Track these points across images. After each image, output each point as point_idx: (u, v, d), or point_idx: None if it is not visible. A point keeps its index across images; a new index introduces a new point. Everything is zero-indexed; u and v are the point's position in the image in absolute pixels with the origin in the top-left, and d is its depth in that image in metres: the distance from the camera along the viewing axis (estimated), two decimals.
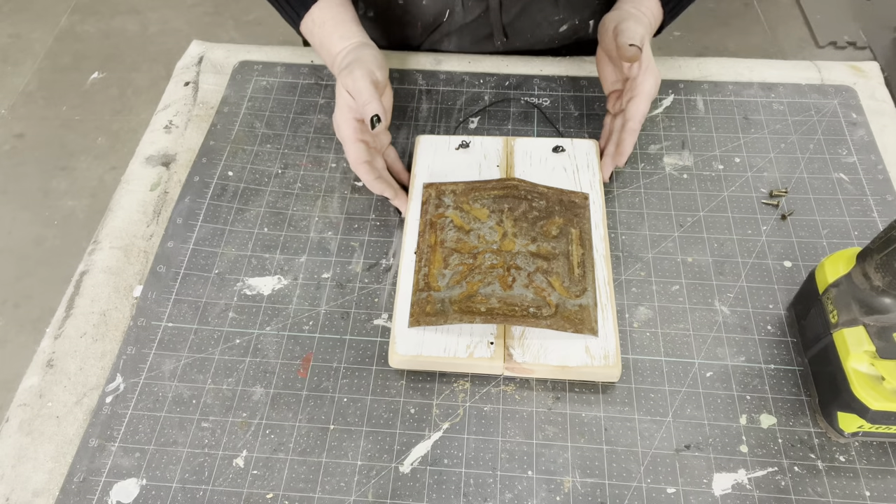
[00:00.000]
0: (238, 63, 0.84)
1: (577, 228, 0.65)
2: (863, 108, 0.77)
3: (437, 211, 0.66)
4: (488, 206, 0.66)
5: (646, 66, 0.69)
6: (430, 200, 0.67)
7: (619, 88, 0.73)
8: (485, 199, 0.67)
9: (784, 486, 0.53)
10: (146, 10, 2.40)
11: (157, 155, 0.75)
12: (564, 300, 0.59)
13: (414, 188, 0.69)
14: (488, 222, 0.65)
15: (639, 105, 0.68)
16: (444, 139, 0.73)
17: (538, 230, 0.64)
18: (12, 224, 1.83)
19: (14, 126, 2.05)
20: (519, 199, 0.66)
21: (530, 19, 0.82)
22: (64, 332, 0.62)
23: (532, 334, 0.59)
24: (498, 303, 0.59)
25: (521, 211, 0.66)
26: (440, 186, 0.68)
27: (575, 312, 0.59)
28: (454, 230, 0.65)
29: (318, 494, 0.53)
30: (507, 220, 0.65)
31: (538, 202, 0.66)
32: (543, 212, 0.66)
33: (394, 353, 0.58)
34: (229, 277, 0.65)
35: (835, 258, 0.57)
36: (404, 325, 0.59)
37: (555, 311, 0.59)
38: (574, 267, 0.62)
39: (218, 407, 0.58)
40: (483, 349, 0.58)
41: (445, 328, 0.59)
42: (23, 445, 0.56)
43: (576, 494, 0.53)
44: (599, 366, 0.57)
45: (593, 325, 0.58)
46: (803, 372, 0.59)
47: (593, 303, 0.60)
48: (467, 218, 0.65)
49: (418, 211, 0.67)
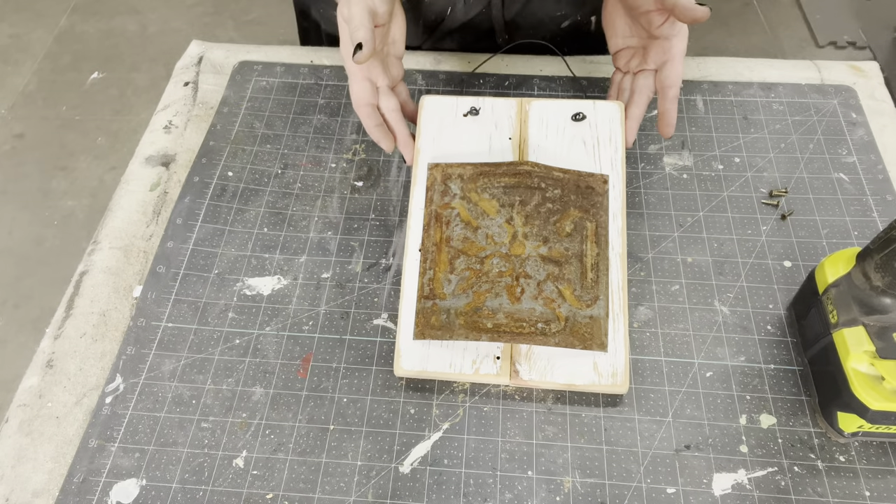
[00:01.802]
0: (238, 63, 0.84)
1: (594, 222, 0.61)
2: (863, 108, 0.77)
3: (442, 200, 0.63)
4: (498, 199, 0.62)
5: (680, 25, 0.63)
6: (434, 186, 0.63)
7: (632, 45, 0.67)
8: (494, 189, 0.63)
9: (784, 486, 0.53)
10: (146, 11, 2.40)
11: (156, 155, 0.75)
12: (575, 312, 0.57)
13: (418, 167, 0.65)
14: (497, 219, 0.62)
15: (677, 69, 0.63)
16: (451, 102, 0.67)
17: (551, 228, 0.61)
18: (12, 224, 1.84)
19: (14, 126, 2.05)
20: (532, 190, 0.62)
21: (532, 16, 0.82)
22: (63, 333, 0.62)
23: (539, 350, 0.58)
24: (505, 318, 0.57)
25: (533, 205, 0.62)
26: (446, 169, 0.64)
27: (585, 325, 0.57)
28: (461, 226, 0.62)
29: (317, 495, 0.53)
30: (518, 217, 0.61)
31: (552, 191, 0.62)
32: (558, 203, 0.62)
33: (399, 367, 0.58)
34: (229, 278, 0.65)
35: (834, 258, 0.57)
36: (409, 337, 0.58)
37: (564, 324, 0.57)
38: (587, 270, 0.59)
39: (218, 407, 0.58)
40: (489, 365, 0.57)
41: (451, 343, 0.58)
42: (22, 446, 0.56)
43: (576, 494, 0.53)
44: (607, 384, 0.56)
45: (603, 339, 0.56)
46: (803, 372, 0.59)
47: (605, 313, 0.58)
48: (475, 211, 0.62)
49: (423, 198, 0.63)
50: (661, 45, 0.64)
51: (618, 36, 0.68)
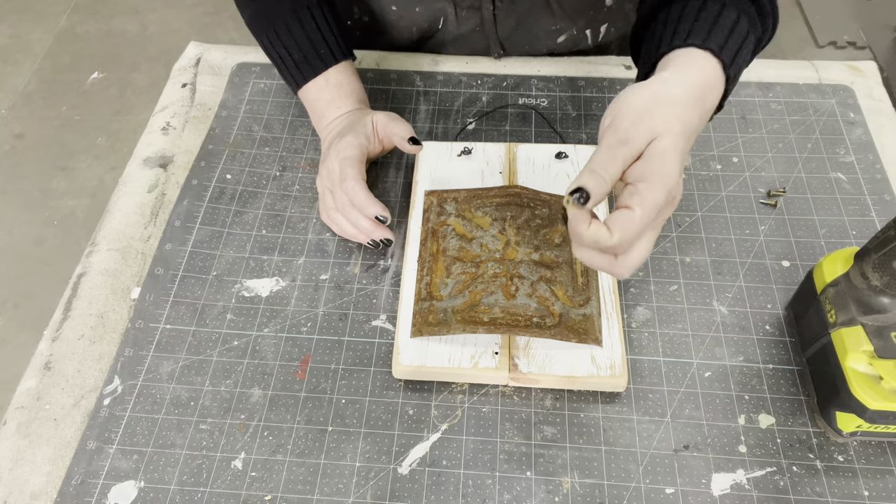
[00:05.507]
0: (236, 65, 0.84)
1: None
2: (860, 108, 0.77)
3: (438, 219, 0.66)
4: (490, 214, 0.66)
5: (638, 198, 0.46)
6: (431, 208, 0.67)
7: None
8: (487, 207, 0.66)
9: (783, 486, 0.53)
10: (146, 11, 2.40)
11: (154, 157, 0.75)
12: (568, 310, 0.59)
13: (416, 195, 0.69)
14: (491, 230, 0.65)
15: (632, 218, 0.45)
16: (445, 146, 0.73)
17: (541, 238, 0.64)
18: (12, 224, 1.84)
19: (14, 126, 2.05)
20: (521, 207, 0.66)
21: (527, 31, 0.81)
22: (61, 335, 0.62)
23: (537, 344, 0.58)
24: (501, 312, 0.58)
25: (523, 219, 0.65)
26: (442, 194, 0.68)
27: (579, 322, 0.58)
28: (456, 238, 0.64)
29: (316, 496, 0.53)
30: (510, 229, 0.64)
31: (541, 210, 0.66)
32: (546, 220, 0.65)
33: (397, 363, 0.58)
34: (227, 279, 0.65)
35: (833, 258, 0.57)
36: (407, 336, 0.59)
37: (558, 320, 0.58)
38: (577, 276, 0.61)
39: (216, 409, 0.58)
40: (488, 359, 0.58)
41: (449, 338, 0.59)
42: (20, 448, 0.56)
43: (574, 495, 0.53)
44: (606, 376, 0.56)
45: (597, 335, 0.58)
46: (802, 372, 0.59)
47: (597, 312, 0.59)
48: (469, 226, 0.65)
49: (420, 219, 0.66)
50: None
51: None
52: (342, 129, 0.68)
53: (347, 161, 0.65)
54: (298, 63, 0.71)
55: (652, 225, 0.46)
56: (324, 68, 0.71)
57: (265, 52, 0.73)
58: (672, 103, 0.47)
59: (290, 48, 0.71)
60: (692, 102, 0.49)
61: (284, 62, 0.71)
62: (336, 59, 0.71)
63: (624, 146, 0.45)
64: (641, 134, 0.45)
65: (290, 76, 0.72)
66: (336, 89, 0.71)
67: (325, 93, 0.71)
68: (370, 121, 0.68)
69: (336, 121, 0.71)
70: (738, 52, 0.53)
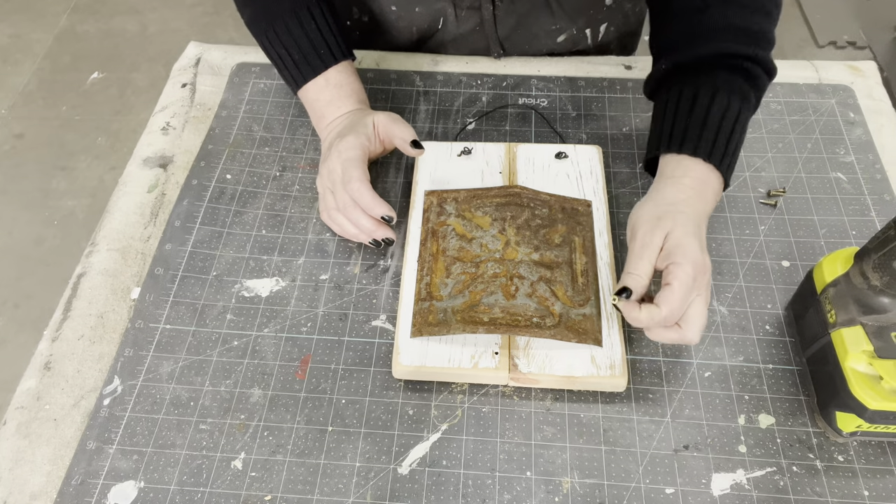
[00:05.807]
0: (235, 65, 0.84)
1: (581, 237, 0.64)
2: (860, 108, 0.77)
3: (438, 219, 0.66)
4: (490, 214, 0.66)
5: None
6: (431, 208, 0.67)
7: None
8: (487, 207, 0.66)
9: (783, 486, 0.53)
10: (146, 11, 2.39)
11: (154, 157, 0.75)
12: (568, 310, 0.59)
13: (416, 195, 0.69)
14: (490, 230, 0.65)
15: (672, 297, 0.54)
16: (445, 146, 0.73)
17: (541, 238, 0.64)
18: (12, 224, 1.83)
19: (14, 126, 2.05)
20: (521, 207, 0.66)
21: (527, 31, 0.81)
22: (61, 335, 0.62)
23: (537, 344, 0.58)
24: (501, 312, 0.58)
25: (523, 219, 0.65)
26: (442, 194, 0.68)
27: (579, 322, 0.58)
28: (456, 238, 0.64)
29: (316, 496, 0.53)
30: (510, 229, 0.65)
31: (541, 210, 0.66)
32: (546, 220, 0.65)
33: (397, 363, 0.58)
34: (227, 279, 0.65)
35: (833, 258, 0.57)
36: (407, 336, 0.59)
37: (558, 320, 0.58)
38: (577, 276, 0.61)
39: (216, 409, 0.58)
40: (488, 359, 0.58)
41: (449, 338, 0.59)
42: (20, 448, 0.56)
43: (574, 495, 0.53)
44: (606, 376, 0.56)
45: (597, 335, 0.58)
46: (801, 372, 0.59)
47: (597, 312, 0.59)
48: (469, 226, 0.65)
49: (420, 219, 0.67)
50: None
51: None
52: (343, 130, 0.68)
53: (350, 162, 0.65)
54: (298, 63, 0.71)
55: (694, 291, 0.54)
56: (323, 68, 0.71)
57: (265, 52, 0.73)
58: (673, 204, 0.58)
59: (290, 48, 0.71)
60: (692, 199, 0.59)
61: (284, 62, 0.71)
62: (336, 59, 0.71)
63: (646, 248, 0.56)
64: (656, 236, 0.56)
65: (290, 76, 0.72)
66: (336, 89, 0.71)
67: (325, 93, 0.71)
68: (371, 121, 0.68)
69: (336, 121, 0.71)
70: (729, 143, 0.61)
